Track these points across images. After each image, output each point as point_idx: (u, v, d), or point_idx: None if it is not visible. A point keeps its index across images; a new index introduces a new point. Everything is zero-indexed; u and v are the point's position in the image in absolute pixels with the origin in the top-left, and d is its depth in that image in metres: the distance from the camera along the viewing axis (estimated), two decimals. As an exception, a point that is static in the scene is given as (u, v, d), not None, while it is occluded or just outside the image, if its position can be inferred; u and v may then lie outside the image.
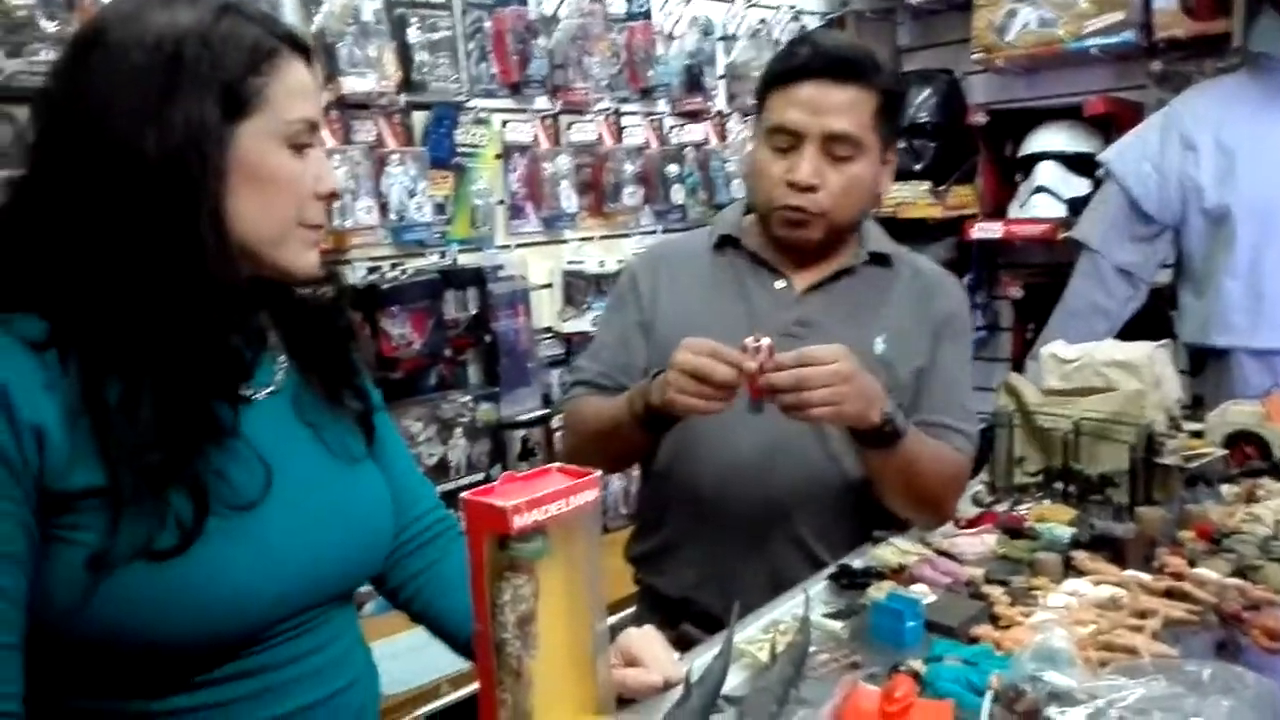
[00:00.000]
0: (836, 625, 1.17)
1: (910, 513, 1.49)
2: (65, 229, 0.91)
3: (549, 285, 2.37)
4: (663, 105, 2.64)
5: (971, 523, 1.50)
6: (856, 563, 1.36)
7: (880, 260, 1.56)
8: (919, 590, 1.22)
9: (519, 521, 0.84)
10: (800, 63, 1.45)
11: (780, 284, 1.53)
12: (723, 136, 2.79)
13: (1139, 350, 1.77)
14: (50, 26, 1.53)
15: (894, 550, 1.34)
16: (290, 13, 1.86)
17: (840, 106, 1.43)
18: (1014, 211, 2.78)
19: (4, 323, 0.90)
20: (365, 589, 1.23)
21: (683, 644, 1.46)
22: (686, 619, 1.53)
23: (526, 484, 0.90)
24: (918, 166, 2.88)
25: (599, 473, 0.91)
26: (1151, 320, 2.39)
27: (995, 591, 1.22)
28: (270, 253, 0.98)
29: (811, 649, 1.10)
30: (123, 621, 0.89)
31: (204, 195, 0.92)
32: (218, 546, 0.92)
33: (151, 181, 0.90)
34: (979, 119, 2.80)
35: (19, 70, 1.52)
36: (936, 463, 1.43)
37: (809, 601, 1.17)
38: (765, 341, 1.24)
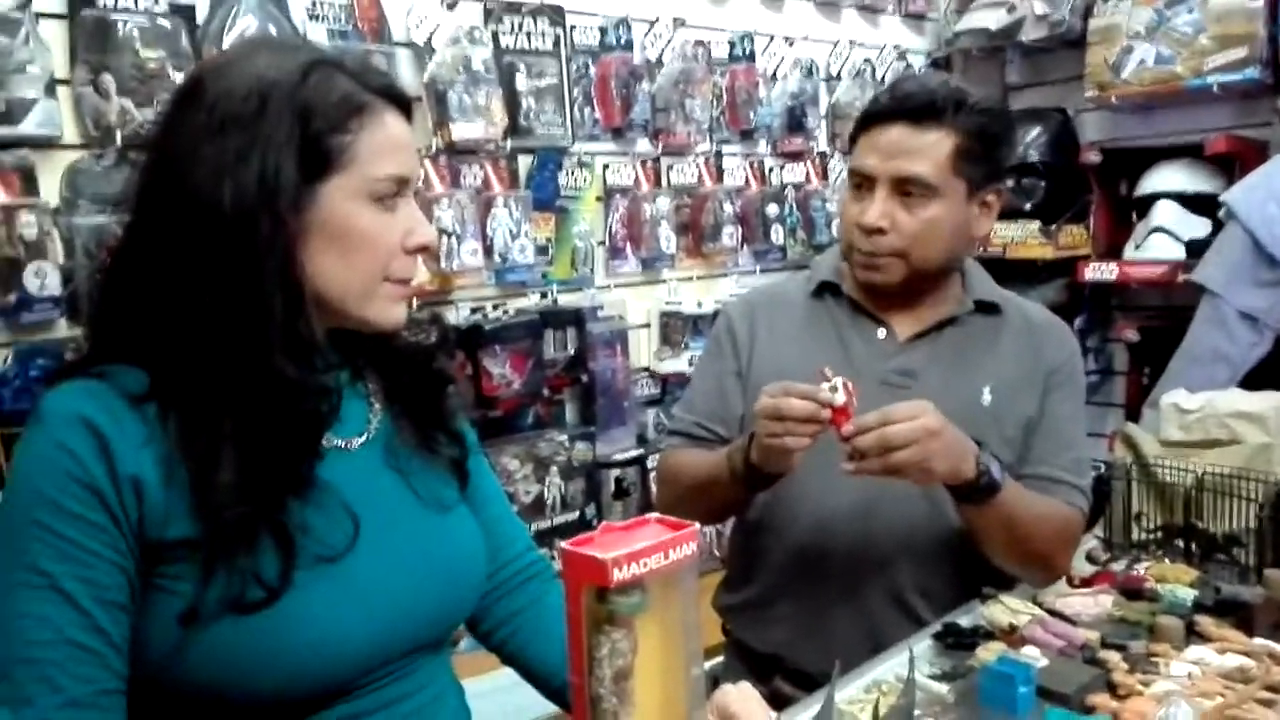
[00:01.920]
0: (943, 688, 1.13)
1: (1017, 569, 1.43)
2: (157, 281, 0.92)
3: (646, 325, 2.37)
4: (763, 146, 2.63)
5: (1086, 582, 1.44)
6: (963, 620, 1.32)
7: (987, 308, 1.51)
8: (1030, 653, 1.17)
9: (619, 575, 0.83)
10: (880, 107, 1.45)
11: (881, 332, 1.51)
12: (824, 176, 2.76)
13: (1265, 401, 1.68)
14: (179, 77, 1.61)
15: (1003, 609, 1.29)
16: (404, 63, 1.92)
17: (912, 149, 1.41)
18: (1129, 253, 2.68)
19: (107, 376, 0.92)
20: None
21: (777, 702, 1.42)
22: (778, 675, 1.50)
23: (625, 535, 0.89)
24: (1028, 206, 2.81)
25: (697, 525, 0.90)
26: (1277, 368, 2.27)
27: (1113, 657, 1.16)
28: (354, 308, 0.98)
29: (916, 713, 1.06)
30: (214, 674, 0.90)
31: (273, 253, 0.91)
32: (306, 598, 0.92)
33: (224, 237, 0.90)
34: (1092, 157, 2.72)
35: (150, 120, 1.60)
36: (1043, 518, 1.38)
37: (913, 661, 1.13)
38: (840, 380, 1.22)
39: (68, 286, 1.52)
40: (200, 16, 1.67)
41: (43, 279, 1.48)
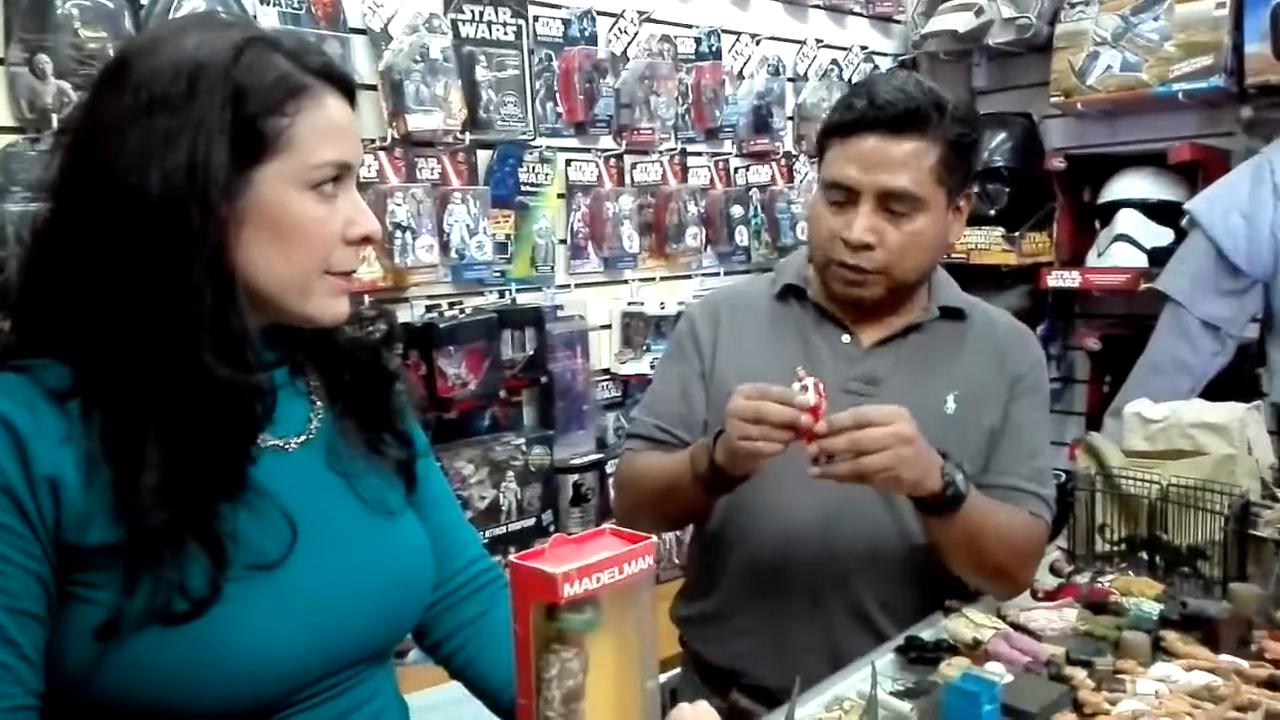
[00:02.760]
0: (905, 706, 1.10)
1: (980, 582, 1.41)
2: (80, 272, 0.87)
3: (608, 326, 2.33)
4: (729, 146, 2.59)
5: (1050, 595, 1.41)
6: (926, 634, 1.29)
7: (953, 314, 1.48)
8: (994, 669, 1.14)
9: (569, 590, 0.78)
10: (856, 115, 1.37)
11: (845, 338, 1.47)
12: (789, 178, 2.73)
13: (1229, 411, 1.67)
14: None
15: (966, 623, 1.26)
16: (359, 51, 1.86)
17: (897, 162, 1.35)
18: (1092, 260, 2.68)
19: (28, 370, 0.87)
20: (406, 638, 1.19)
21: (735, 717, 1.39)
22: (735, 689, 1.46)
23: (578, 548, 0.85)
24: (992, 211, 2.80)
25: (654, 538, 0.85)
26: (1238, 378, 2.28)
27: (1078, 674, 1.14)
28: (293, 302, 0.92)
29: (878, 732, 1.03)
30: (138, 689, 0.85)
31: (203, 243, 0.86)
32: (238, 609, 0.87)
33: (151, 225, 0.85)
34: (1057, 164, 2.72)
35: (88, 104, 1.53)
36: (1007, 530, 1.35)
37: (876, 677, 1.09)
38: (811, 380, 1.19)
39: (0, 276, 1.44)
40: (144, -4, 1.60)
41: (-30, 268, 1.40)
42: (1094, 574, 1.45)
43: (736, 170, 2.62)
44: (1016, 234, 2.78)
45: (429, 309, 1.97)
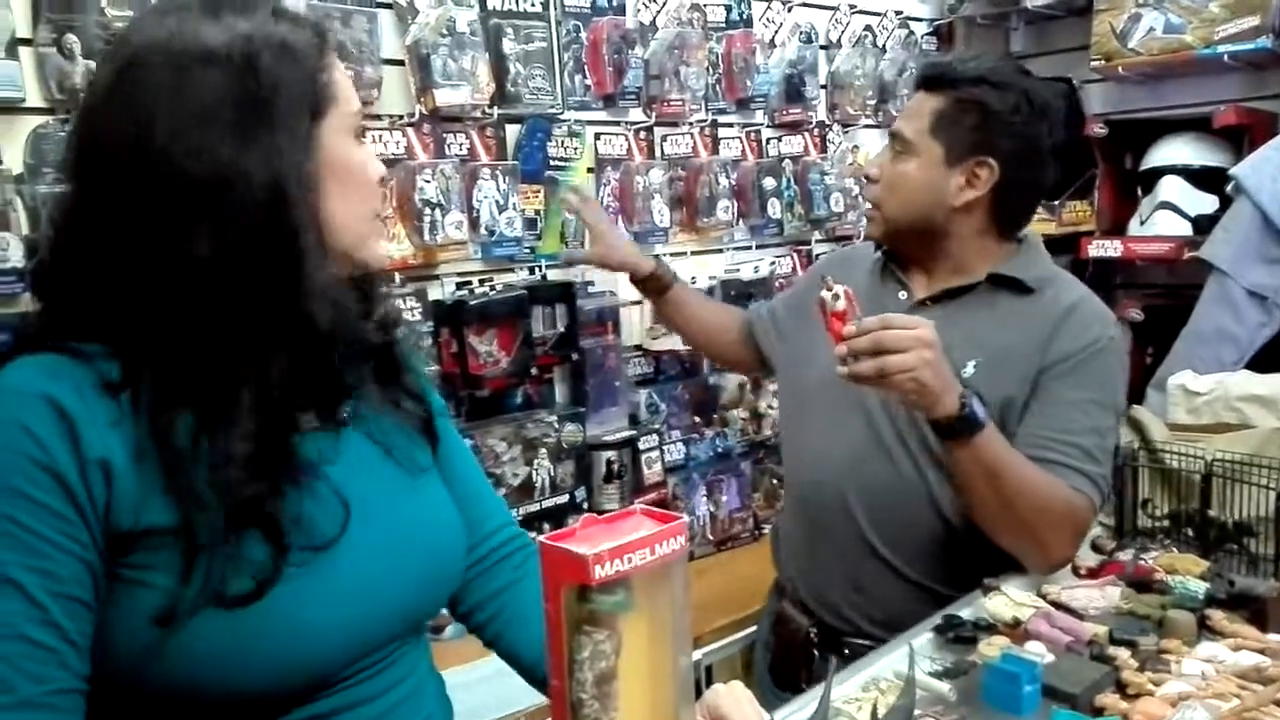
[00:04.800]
0: (944, 686, 1.08)
1: (1008, 543, 1.39)
2: (138, 259, 0.86)
3: (639, 302, 2.30)
4: (760, 116, 2.55)
5: (1092, 572, 1.38)
6: (965, 612, 1.27)
7: (1010, 284, 1.50)
8: (1035, 649, 1.12)
9: (600, 572, 0.77)
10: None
11: (902, 294, 1.57)
12: (823, 148, 2.69)
13: (1277, 383, 1.63)
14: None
15: (1006, 601, 1.24)
16: (386, 25, 1.84)
17: (907, 109, 1.57)
18: (1134, 229, 2.61)
19: (84, 358, 0.86)
20: (444, 611, 1.19)
21: (780, 623, 1.63)
22: (785, 598, 1.65)
23: (609, 528, 0.83)
24: (1030, 179, 2.74)
25: (685, 518, 0.84)
26: (1286, 348, 2.22)
27: (1122, 654, 1.11)
28: (356, 250, 0.96)
29: (916, 712, 1.01)
30: (192, 671, 0.85)
31: (309, 206, 0.89)
32: (292, 590, 0.87)
33: (254, 201, 0.86)
34: (1098, 130, 2.65)
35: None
36: (1035, 485, 1.34)
37: (913, 658, 1.08)
38: (841, 288, 1.26)
39: (32, 259, 1.45)
40: (170, -26, 1.59)
41: (5, 250, 1.42)
42: (1138, 551, 1.41)
43: (768, 141, 2.57)
44: (1056, 203, 2.72)
45: (459, 286, 1.96)
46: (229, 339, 0.87)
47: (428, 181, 1.84)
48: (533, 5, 2.03)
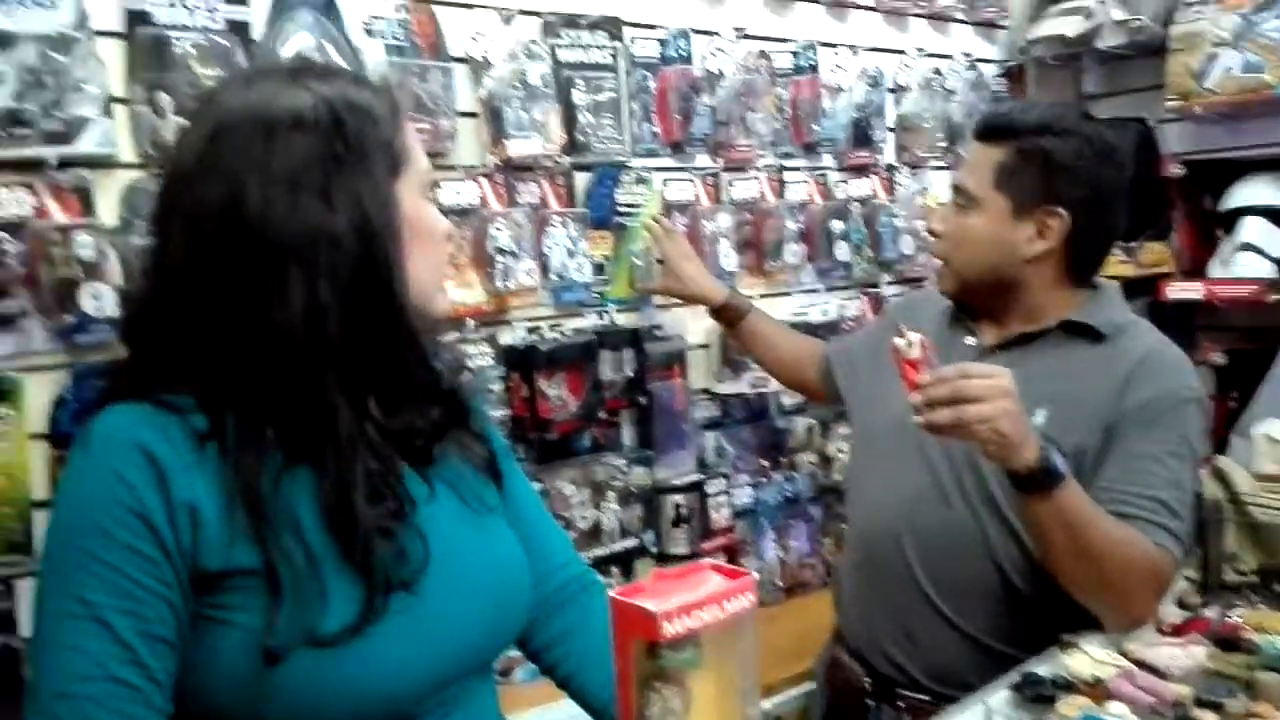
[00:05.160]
0: (1021, 748, 1.05)
1: (1089, 600, 1.35)
2: (230, 314, 0.90)
3: (706, 346, 2.31)
4: (828, 160, 2.56)
5: (1176, 629, 1.34)
6: (1043, 670, 1.24)
7: (1082, 331, 1.48)
8: (1117, 710, 1.09)
9: (671, 629, 0.78)
10: (975, 128, 1.59)
11: (970, 340, 1.56)
12: (891, 190, 2.68)
13: (1372, 432, 1.57)
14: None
15: (1086, 659, 1.21)
16: (461, 77, 1.89)
17: (967, 162, 1.57)
18: (1215, 271, 2.55)
19: (174, 409, 0.90)
20: (515, 654, 1.20)
21: (834, 669, 1.64)
22: (839, 644, 1.65)
23: (679, 583, 0.84)
24: (1105, 221, 2.69)
25: (755, 575, 0.84)
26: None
27: (1208, 717, 1.08)
28: (429, 302, 1.00)
29: (992, 775, 0.99)
30: (281, 707, 0.87)
31: (397, 262, 0.93)
32: (380, 628, 0.90)
33: (347, 258, 0.90)
34: (1175, 170, 2.60)
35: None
36: (1118, 540, 1.30)
37: (990, 716, 1.05)
38: (916, 335, 1.25)
39: (123, 308, 1.51)
40: (256, 33, 1.66)
41: (99, 300, 1.47)
42: (1224, 607, 1.37)
43: (836, 184, 2.57)
44: (1134, 244, 2.66)
45: (530, 331, 1.99)
46: (325, 388, 0.90)
47: (499, 230, 1.88)
48: (603, 57, 2.07)
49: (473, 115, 1.90)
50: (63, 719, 0.84)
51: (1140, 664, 1.22)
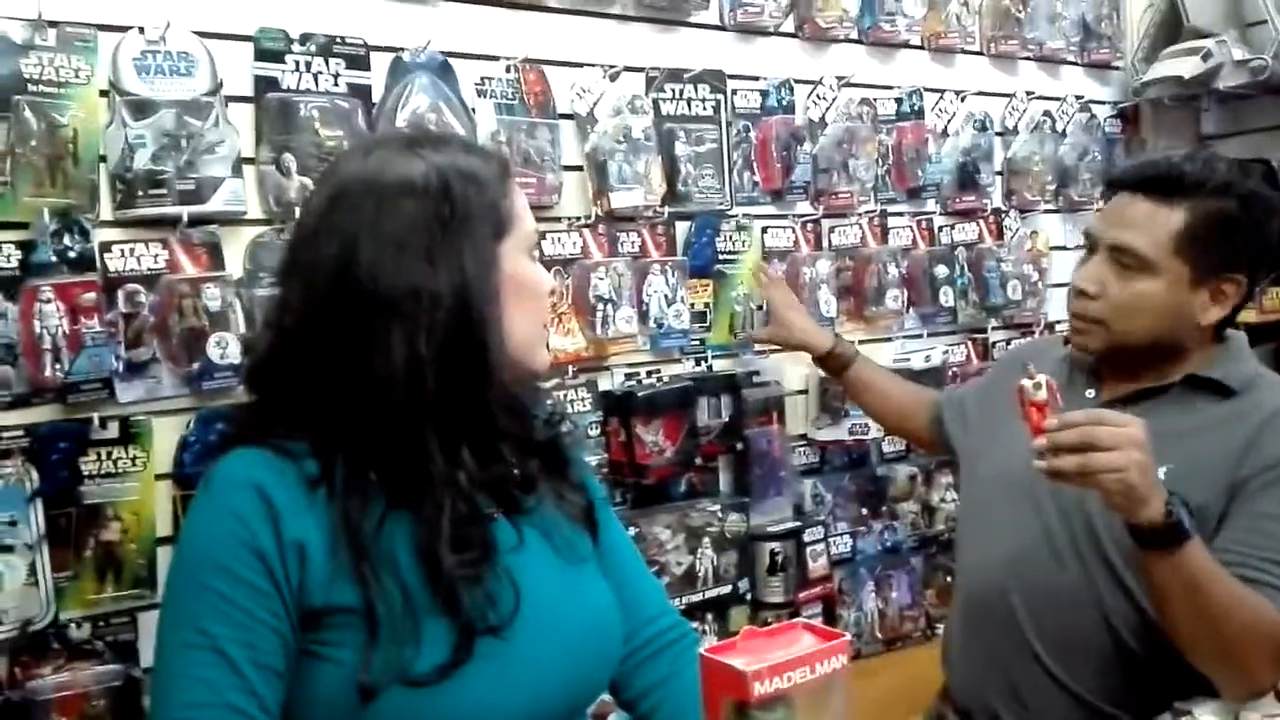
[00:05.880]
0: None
1: (1206, 664, 1.29)
2: (339, 364, 0.96)
3: (804, 392, 2.30)
4: (932, 205, 2.53)
5: (1298, 701, 1.27)
6: (1152, 739, 1.19)
7: (1209, 386, 1.42)
8: (1231, 788, 1.04)
9: (760, 689, 0.78)
10: (1118, 174, 1.51)
11: (1090, 393, 1.51)
12: (999, 235, 2.63)
13: None
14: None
15: (1199, 730, 1.16)
16: (567, 133, 1.95)
17: (1134, 220, 1.42)
18: (1346, 317, 2.42)
19: (289, 455, 0.96)
20: (609, 698, 1.21)
21: None
22: (945, 701, 1.61)
23: (769, 642, 0.84)
24: (1228, 266, 2.59)
25: (848, 637, 0.84)
26: None
27: (1331, 800, 1.02)
28: (530, 358, 1.04)
29: None
30: None
31: (493, 319, 0.97)
32: (470, 672, 0.93)
33: (445, 315, 0.95)
34: (1300, 213, 2.48)
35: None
36: (1242, 604, 1.25)
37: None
38: (1044, 378, 1.21)
39: (247, 356, 1.59)
40: (375, 96, 1.74)
41: (224, 348, 1.56)
42: (1352, 680, 1.29)
43: (940, 229, 2.54)
44: (1257, 289, 2.55)
45: (628, 378, 2.02)
46: (421, 436, 0.95)
47: (601, 279, 1.92)
48: (705, 109, 2.10)
49: (578, 169, 1.96)
50: None
51: (1258, 738, 1.16)
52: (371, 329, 0.95)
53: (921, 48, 2.50)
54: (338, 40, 1.70)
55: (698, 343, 2.12)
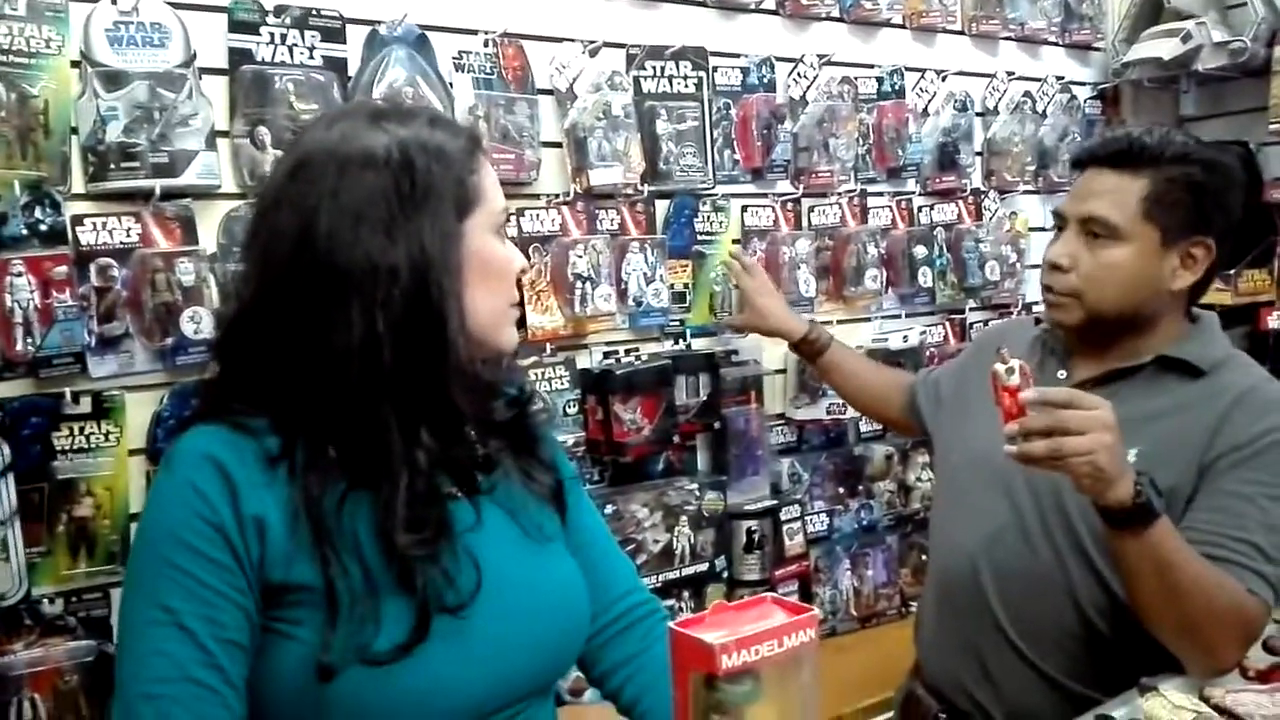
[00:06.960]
0: (1091, 795, 1.03)
1: (1174, 643, 1.31)
2: (298, 339, 0.95)
3: (783, 371, 2.31)
4: (912, 185, 2.53)
5: (1263, 675, 1.29)
6: (1119, 713, 1.21)
7: (1179, 367, 1.43)
8: (1194, 761, 1.06)
9: (728, 662, 0.78)
10: (1082, 151, 1.52)
11: (1062, 374, 1.52)
12: (978, 215, 2.64)
13: None
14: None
15: (1164, 704, 1.18)
16: (547, 109, 1.94)
17: (1101, 190, 1.45)
18: (1320, 299, 2.45)
19: (250, 431, 0.95)
20: (581, 676, 1.22)
21: (909, 703, 1.62)
22: (917, 678, 1.64)
23: (738, 616, 0.84)
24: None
25: (816, 611, 0.84)
26: None
27: (1292, 772, 1.03)
28: (494, 336, 1.03)
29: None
30: None
31: (453, 297, 0.96)
32: (430, 649, 0.93)
33: (402, 290, 0.94)
34: (1277, 195, 2.50)
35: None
36: (1209, 583, 1.26)
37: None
38: (1017, 362, 1.21)
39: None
40: (352, 69, 1.73)
41: (198, 323, 1.55)
42: (1316, 656, 1.32)
43: (920, 209, 2.55)
44: (1232, 271, 2.57)
45: (606, 356, 2.02)
46: (379, 414, 0.94)
47: (580, 256, 1.91)
48: (686, 86, 2.10)
49: (557, 145, 1.95)
50: (146, 718, 0.89)
51: (1222, 710, 1.18)
52: (329, 303, 0.94)
53: (903, 26, 2.50)
54: (313, 12, 1.68)
55: (678, 323, 2.12)
